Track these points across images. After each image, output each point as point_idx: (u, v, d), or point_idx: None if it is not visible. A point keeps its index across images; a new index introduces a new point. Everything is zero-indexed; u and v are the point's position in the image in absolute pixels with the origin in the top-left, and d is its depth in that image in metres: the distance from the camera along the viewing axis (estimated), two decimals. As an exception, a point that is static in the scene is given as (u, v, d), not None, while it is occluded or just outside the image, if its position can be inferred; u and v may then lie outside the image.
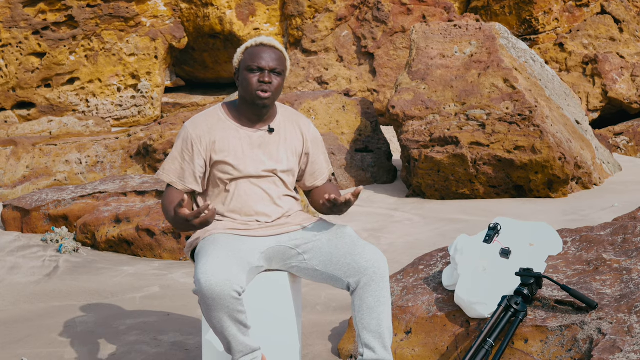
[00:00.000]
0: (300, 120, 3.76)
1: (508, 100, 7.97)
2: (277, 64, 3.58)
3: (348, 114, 9.14)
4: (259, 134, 3.64)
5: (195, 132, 3.62)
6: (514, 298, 3.62)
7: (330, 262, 3.53)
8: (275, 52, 3.60)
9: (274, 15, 13.18)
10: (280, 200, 3.67)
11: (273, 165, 3.64)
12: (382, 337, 3.47)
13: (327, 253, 3.54)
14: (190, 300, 5.18)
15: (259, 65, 3.55)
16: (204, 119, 3.66)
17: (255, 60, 3.57)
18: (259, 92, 3.55)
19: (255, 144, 3.63)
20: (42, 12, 11.92)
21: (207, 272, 3.30)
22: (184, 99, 13.47)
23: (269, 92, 3.56)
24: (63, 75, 12.06)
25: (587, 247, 4.13)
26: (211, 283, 3.28)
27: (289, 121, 3.73)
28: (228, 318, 3.32)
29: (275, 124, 3.69)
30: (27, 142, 9.17)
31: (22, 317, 4.98)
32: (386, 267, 3.50)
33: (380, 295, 3.47)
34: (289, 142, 3.70)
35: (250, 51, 3.60)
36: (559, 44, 12.32)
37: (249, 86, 3.56)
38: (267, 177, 3.64)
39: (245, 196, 3.62)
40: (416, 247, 6.26)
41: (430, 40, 8.65)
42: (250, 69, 3.57)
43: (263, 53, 3.58)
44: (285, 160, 3.68)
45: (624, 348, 3.29)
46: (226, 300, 3.28)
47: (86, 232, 6.72)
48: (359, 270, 3.46)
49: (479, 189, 7.98)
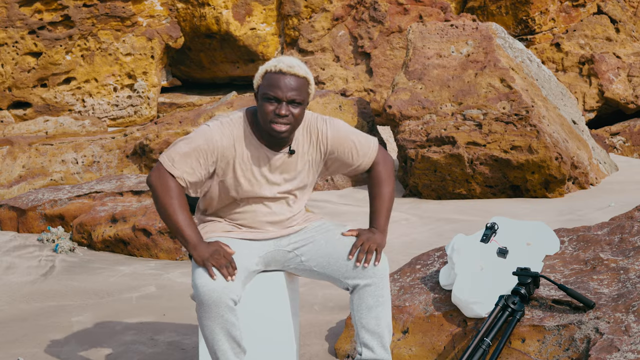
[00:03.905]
0: (317, 126, 3.54)
1: (505, 100, 7.97)
2: (296, 95, 3.34)
3: (345, 114, 9.14)
4: (279, 157, 3.47)
5: (222, 142, 3.40)
6: (511, 297, 3.61)
7: (328, 264, 3.48)
8: (295, 80, 3.34)
9: (270, 15, 13.17)
10: (289, 220, 3.61)
11: (289, 187, 3.52)
12: (381, 337, 3.45)
13: (325, 254, 3.49)
14: (187, 300, 5.17)
15: (275, 95, 3.33)
16: (230, 129, 3.43)
17: (272, 89, 3.33)
18: (273, 125, 3.35)
19: (274, 166, 3.47)
20: (38, 11, 11.90)
21: (204, 276, 3.26)
22: (181, 99, 13.46)
23: (287, 124, 3.35)
24: (59, 74, 12.04)
25: (584, 247, 4.13)
26: (209, 289, 3.24)
27: (307, 133, 3.52)
28: (221, 330, 3.27)
29: (295, 143, 3.49)
30: (23, 142, 9.15)
31: (18, 316, 4.97)
32: (386, 266, 3.45)
33: (380, 295, 3.42)
34: (307, 156, 3.53)
35: (269, 77, 3.36)
36: (555, 44, 12.33)
37: (265, 116, 3.36)
38: (281, 198, 3.54)
39: (253, 213, 3.53)
40: (413, 246, 6.25)
41: (427, 40, 8.65)
42: (267, 98, 3.34)
43: (281, 81, 3.33)
44: (305, 177, 3.54)
45: (621, 347, 3.29)
46: (220, 308, 3.23)
47: (82, 231, 6.70)
48: (358, 271, 3.43)
49: (475, 188, 7.98)
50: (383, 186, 3.60)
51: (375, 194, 3.60)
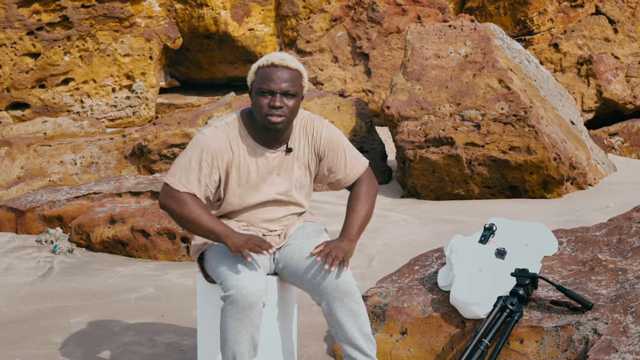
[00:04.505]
0: (313, 126, 3.57)
1: (503, 101, 7.97)
2: (289, 86, 3.38)
3: (343, 115, 9.14)
4: (276, 155, 3.50)
5: (218, 145, 3.43)
6: (509, 298, 3.61)
7: (297, 275, 3.48)
8: (287, 72, 3.39)
9: (268, 16, 13.17)
10: (285, 219, 3.61)
11: (287, 187, 3.54)
12: (360, 348, 3.42)
13: (295, 266, 3.48)
14: (185, 301, 5.17)
15: (269, 89, 3.37)
16: (226, 132, 3.46)
17: (265, 82, 3.37)
18: (269, 117, 3.37)
19: (271, 166, 3.50)
20: (37, 12, 11.89)
21: (241, 279, 3.26)
22: (179, 100, 13.46)
23: (282, 116, 3.38)
24: (57, 75, 12.04)
25: (583, 248, 4.13)
26: (247, 291, 3.24)
27: (303, 132, 3.55)
28: (246, 333, 3.28)
29: (291, 141, 3.52)
30: (22, 143, 9.15)
31: (17, 318, 4.97)
32: (349, 280, 3.40)
33: (349, 310, 3.39)
34: (303, 158, 3.55)
35: (262, 72, 3.40)
36: (553, 45, 12.33)
37: (260, 110, 3.39)
38: (279, 199, 3.55)
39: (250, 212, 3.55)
40: (411, 247, 6.26)
41: (425, 41, 8.66)
42: (261, 92, 3.38)
43: (274, 74, 3.37)
44: (301, 177, 3.56)
45: (619, 348, 3.29)
46: (253, 312, 3.25)
47: (81, 232, 6.70)
48: (320, 289, 3.40)
49: (473, 189, 7.99)
50: (362, 203, 3.58)
51: (352, 208, 3.57)
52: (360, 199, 3.59)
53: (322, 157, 3.58)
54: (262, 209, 3.54)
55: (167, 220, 6.34)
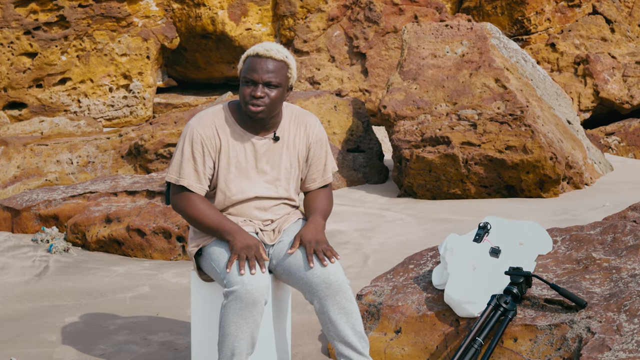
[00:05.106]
0: (307, 120, 3.64)
1: (499, 100, 7.97)
2: (272, 77, 3.43)
3: (340, 114, 9.14)
4: (263, 142, 3.54)
5: (205, 132, 3.50)
6: (503, 297, 3.62)
7: (289, 274, 3.50)
8: (272, 63, 3.44)
9: (266, 16, 13.17)
10: (277, 208, 3.63)
11: (275, 175, 3.57)
12: (353, 346, 3.43)
13: (287, 264, 3.50)
14: (180, 300, 5.18)
15: (251, 78, 3.43)
16: (211, 118, 3.53)
17: (249, 72, 3.44)
18: (249, 107, 3.44)
19: (259, 153, 3.54)
20: (34, 12, 11.89)
21: (246, 274, 3.28)
22: (176, 99, 13.45)
23: (262, 106, 3.43)
24: (54, 75, 12.03)
25: (577, 246, 4.13)
26: (252, 287, 3.26)
27: (294, 124, 3.60)
28: (247, 329, 3.29)
29: (280, 130, 3.57)
30: (18, 142, 9.14)
31: (12, 316, 4.97)
32: (341, 278, 3.42)
33: (341, 307, 3.41)
34: (294, 148, 3.59)
35: (248, 61, 3.47)
36: (550, 44, 12.34)
37: (243, 98, 3.46)
38: (268, 187, 3.58)
39: (241, 201, 3.57)
40: (407, 246, 6.26)
41: (422, 40, 8.66)
42: (245, 81, 3.46)
43: (258, 65, 3.44)
44: (289, 167, 3.59)
45: (612, 347, 3.29)
46: (256, 309, 3.26)
47: (76, 232, 6.70)
48: (312, 287, 3.41)
49: (470, 188, 7.99)
50: (321, 202, 3.66)
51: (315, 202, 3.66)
52: (320, 198, 3.68)
53: (308, 151, 3.65)
54: (253, 197, 3.56)
55: (162, 219, 6.34)
